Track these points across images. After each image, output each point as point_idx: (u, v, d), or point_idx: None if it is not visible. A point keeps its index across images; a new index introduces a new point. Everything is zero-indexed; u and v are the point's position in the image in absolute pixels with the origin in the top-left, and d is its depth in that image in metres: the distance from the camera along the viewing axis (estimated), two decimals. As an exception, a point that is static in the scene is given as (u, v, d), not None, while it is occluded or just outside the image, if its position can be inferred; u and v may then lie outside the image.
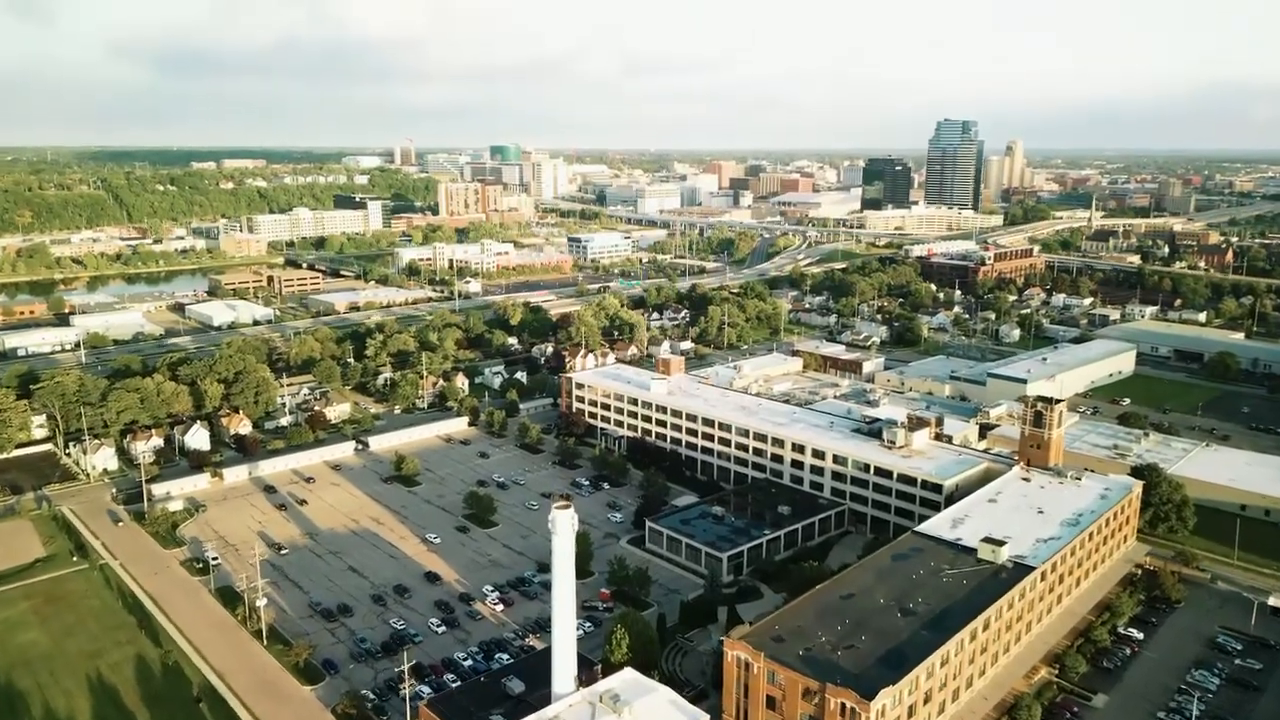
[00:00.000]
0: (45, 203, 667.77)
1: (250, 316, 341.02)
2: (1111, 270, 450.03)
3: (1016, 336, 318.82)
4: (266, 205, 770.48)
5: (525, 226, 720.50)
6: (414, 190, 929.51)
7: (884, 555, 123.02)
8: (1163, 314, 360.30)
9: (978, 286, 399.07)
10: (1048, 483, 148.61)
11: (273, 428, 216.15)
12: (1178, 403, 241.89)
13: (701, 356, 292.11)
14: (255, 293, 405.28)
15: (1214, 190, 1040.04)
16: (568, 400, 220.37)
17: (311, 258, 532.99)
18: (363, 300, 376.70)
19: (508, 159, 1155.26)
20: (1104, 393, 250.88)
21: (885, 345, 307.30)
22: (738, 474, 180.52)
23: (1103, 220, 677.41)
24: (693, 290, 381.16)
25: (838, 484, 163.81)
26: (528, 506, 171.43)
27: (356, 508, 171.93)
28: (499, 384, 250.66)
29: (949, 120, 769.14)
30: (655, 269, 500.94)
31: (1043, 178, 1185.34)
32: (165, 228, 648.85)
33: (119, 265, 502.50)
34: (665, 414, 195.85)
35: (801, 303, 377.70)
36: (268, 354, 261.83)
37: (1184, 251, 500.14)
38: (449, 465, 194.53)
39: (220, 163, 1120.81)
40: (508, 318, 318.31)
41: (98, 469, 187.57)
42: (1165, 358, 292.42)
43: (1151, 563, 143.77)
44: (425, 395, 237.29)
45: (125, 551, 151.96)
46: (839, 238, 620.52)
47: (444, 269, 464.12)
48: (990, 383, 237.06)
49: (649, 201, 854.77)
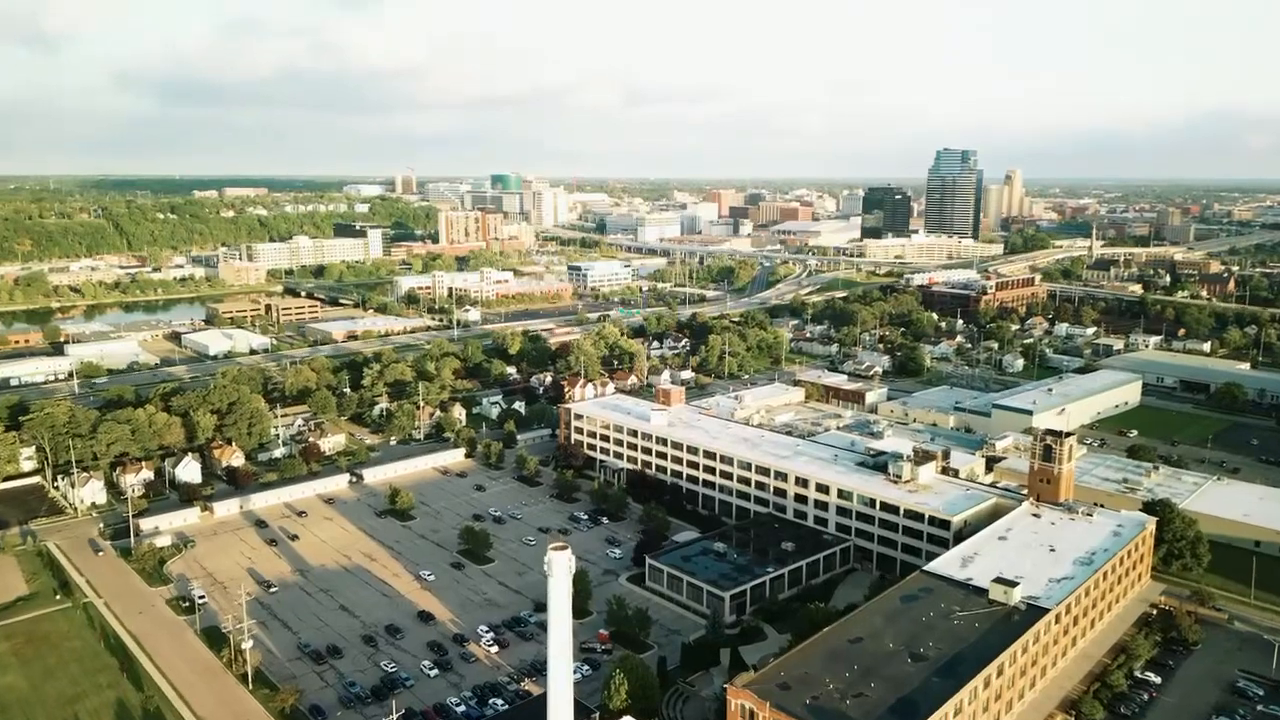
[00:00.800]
0: (45, 231, 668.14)
1: (247, 345, 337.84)
2: (1114, 299, 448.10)
3: (1020, 366, 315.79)
4: (267, 233, 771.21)
5: (525, 255, 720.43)
6: (414, 219, 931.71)
7: (892, 596, 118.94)
8: (1167, 344, 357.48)
9: (980, 315, 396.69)
10: (1058, 519, 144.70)
11: (266, 459, 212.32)
12: (1185, 435, 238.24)
13: (702, 386, 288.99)
14: (253, 321, 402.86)
15: (1213, 219, 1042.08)
16: (566, 431, 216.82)
17: (311, 286, 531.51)
18: (361, 329, 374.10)
19: (508, 188, 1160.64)
20: (1110, 424, 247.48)
21: (888, 375, 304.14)
22: (740, 508, 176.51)
23: (1103, 249, 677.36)
24: (693, 319, 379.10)
25: (843, 519, 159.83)
26: (524, 542, 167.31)
27: (349, 543, 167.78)
28: (497, 414, 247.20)
29: (948, 149, 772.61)
30: (655, 297, 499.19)
31: (1041, 206, 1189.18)
32: (165, 256, 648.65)
33: (117, 293, 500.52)
34: (665, 446, 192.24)
35: (803, 331, 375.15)
36: (263, 383, 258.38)
37: (1186, 281, 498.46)
38: (445, 498, 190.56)
39: (222, 191, 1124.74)
40: (506, 347, 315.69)
41: (85, 503, 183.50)
42: (1171, 388, 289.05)
43: (1166, 602, 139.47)
44: (422, 426, 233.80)
45: (110, 589, 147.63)
46: (839, 266, 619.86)
47: (443, 297, 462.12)
48: (995, 414, 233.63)
49: (649, 230, 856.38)
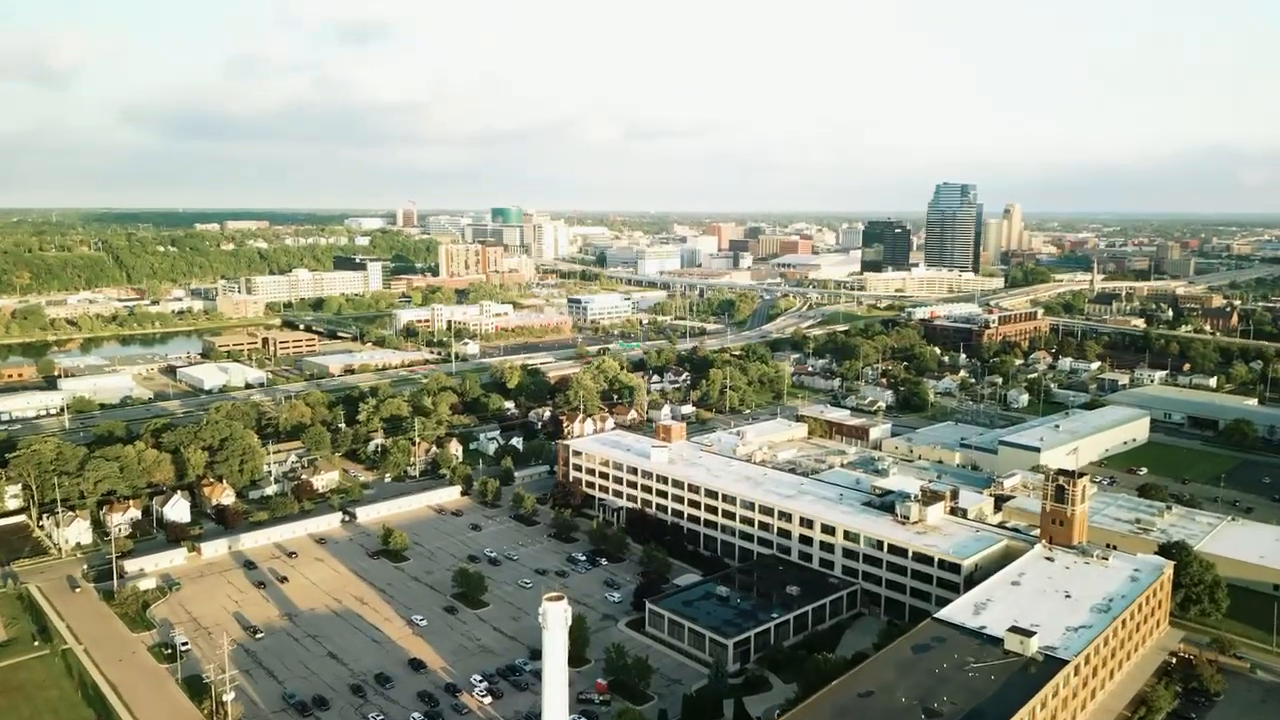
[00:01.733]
0: (44, 264, 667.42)
1: (242, 379, 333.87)
2: (1116, 334, 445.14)
3: (1025, 402, 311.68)
4: (267, 266, 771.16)
5: (525, 288, 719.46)
6: (415, 252, 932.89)
7: (903, 646, 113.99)
8: (1172, 379, 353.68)
9: (983, 350, 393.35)
10: (1073, 563, 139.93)
11: (257, 497, 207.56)
12: (1195, 473, 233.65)
13: (703, 421, 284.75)
14: (250, 355, 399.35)
15: (1212, 253, 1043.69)
16: (564, 469, 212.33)
17: (309, 319, 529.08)
18: (358, 363, 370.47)
19: (509, 221, 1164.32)
20: (1119, 461, 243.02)
21: (891, 410, 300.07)
22: (743, 549, 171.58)
23: (1104, 283, 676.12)
24: (694, 352, 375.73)
25: (849, 561, 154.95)
26: (520, 585, 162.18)
27: (339, 586, 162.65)
28: (494, 450, 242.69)
29: (948, 183, 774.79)
30: (655, 330, 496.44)
31: (1040, 240, 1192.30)
32: (164, 289, 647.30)
33: (114, 326, 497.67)
34: (666, 484, 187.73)
35: (804, 366, 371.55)
36: (257, 419, 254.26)
37: (1189, 315, 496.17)
38: (439, 538, 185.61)
39: (224, 224, 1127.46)
40: (505, 381, 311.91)
41: (70, 543, 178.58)
42: (1179, 424, 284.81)
43: (1186, 650, 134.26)
44: (417, 463, 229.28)
45: (90, 635, 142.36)
46: (840, 299, 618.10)
47: (442, 330, 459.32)
48: (1002, 451, 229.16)
49: (649, 263, 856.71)
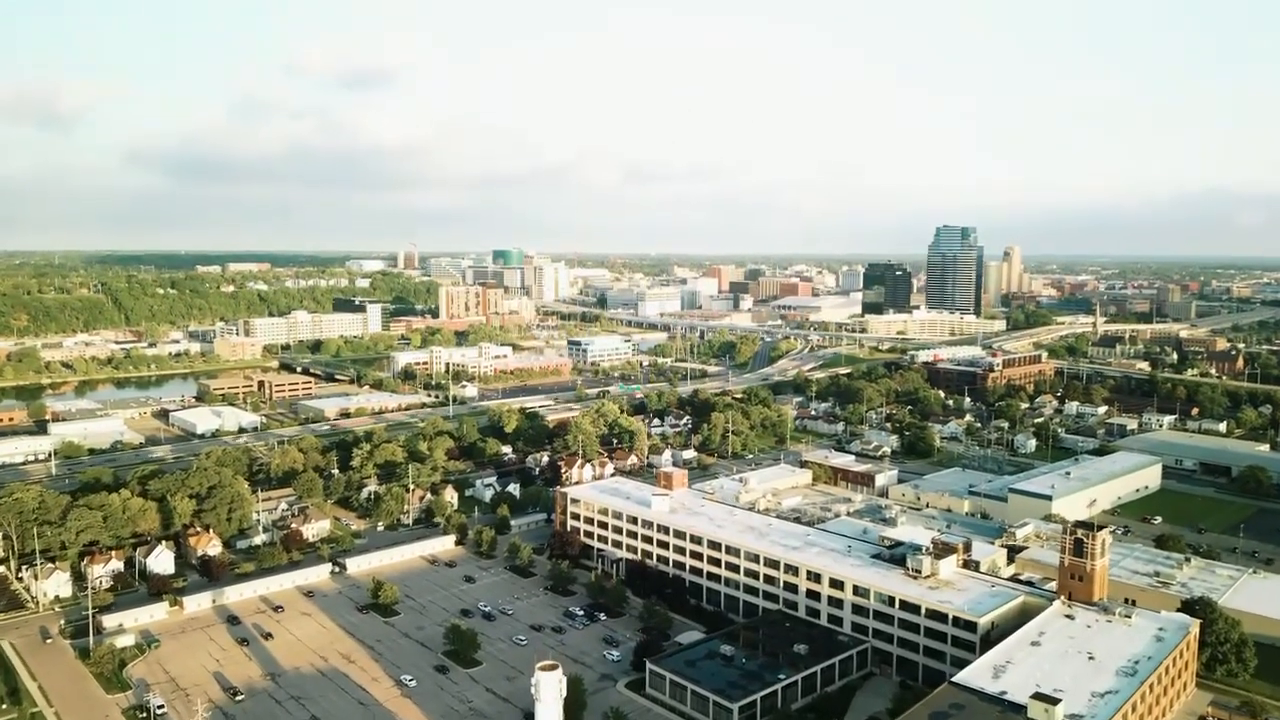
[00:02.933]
0: (43, 306, 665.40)
1: (236, 424, 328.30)
2: (1122, 377, 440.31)
3: (1033, 447, 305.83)
4: (266, 308, 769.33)
5: (525, 329, 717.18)
6: (415, 293, 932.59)
7: (920, 714, 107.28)
8: (1181, 423, 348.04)
9: (988, 394, 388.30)
10: (1094, 621, 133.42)
11: (245, 547, 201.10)
12: (1211, 521, 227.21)
13: (705, 467, 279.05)
14: (245, 398, 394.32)
15: (1212, 296, 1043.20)
16: (562, 517, 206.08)
17: (307, 361, 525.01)
18: (354, 406, 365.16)
19: (510, 263, 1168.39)
20: (1132, 510, 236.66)
21: (897, 455, 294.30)
22: (747, 604, 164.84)
23: (1106, 325, 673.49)
24: (695, 396, 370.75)
25: (859, 618, 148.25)
26: (515, 642, 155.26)
27: (326, 642, 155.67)
28: (490, 497, 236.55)
29: (948, 226, 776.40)
30: (656, 372, 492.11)
31: (1040, 283, 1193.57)
32: (162, 331, 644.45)
33: (109, 369, 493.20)
34: (667, 535, 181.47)
35: (807, 409, 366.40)
36: (248, 464, 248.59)
37: (1194, 359, 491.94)
38: (431, 591, 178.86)
39: (225, 266, 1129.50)
40: (502, 425, 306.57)
41: (49, 596, 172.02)
42: (1191, 471, 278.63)
43: (1216, 714, 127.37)
44: (411, 510, 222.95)
45: (62, 697, 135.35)
46: (841, 342, 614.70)
47: (440, 373, 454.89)
48: (1012, 499, 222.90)
49: (649, 304, 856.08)
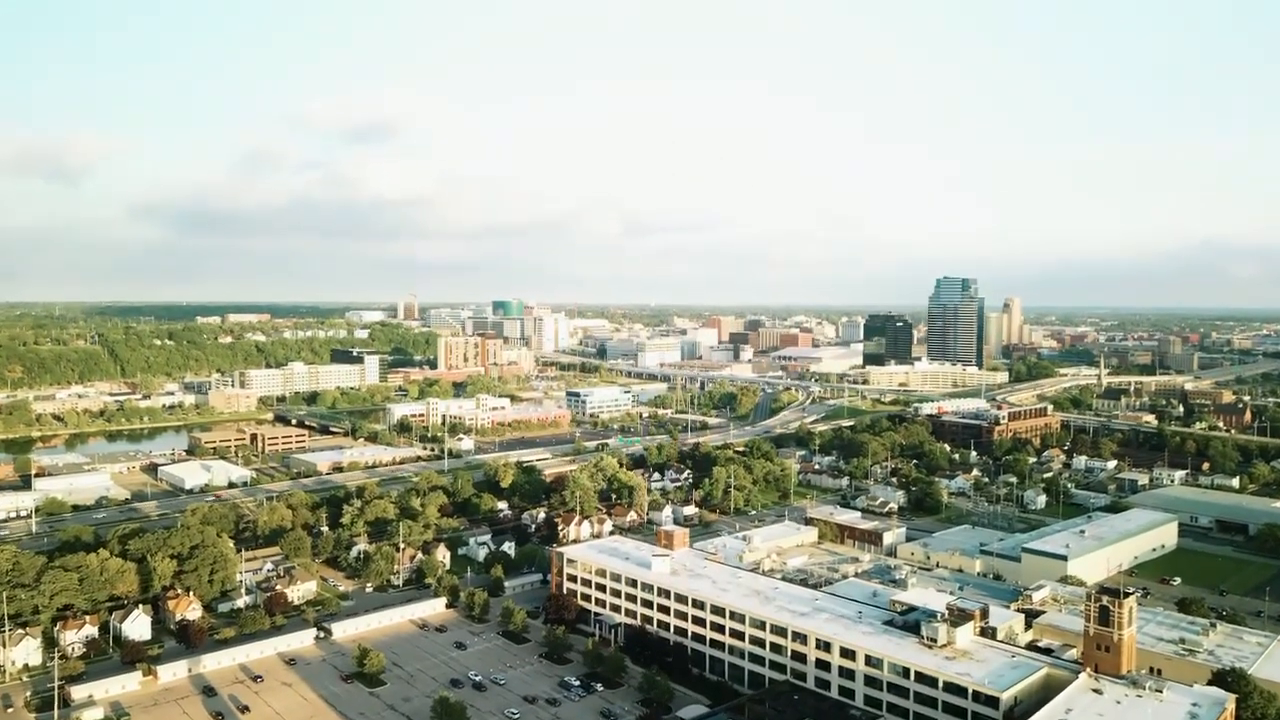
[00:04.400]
0: (38, 358, 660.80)
1: (226, 478, 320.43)
2: (1130, 430, 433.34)
3: (1043, 503, 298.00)
4: (264, 359, 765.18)
5: (524, 380, 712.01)
6: (414, 344, 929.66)
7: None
8: (1193, 478, 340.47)
9: (994, 447, 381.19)
10: (1124, 696, 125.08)
11: (227, 610, 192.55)
12: (1233, 583, 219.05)
13: (707, 524, 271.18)
14: (237, 451, 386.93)
15: (1213, 348, 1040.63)
16: (558, 579, 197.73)
17: (303, 413, 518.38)
18: (347, 460, 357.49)
19: (510, 313, 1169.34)
20: (1149, 570, 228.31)
21: (904, 511, 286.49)
22: (753, 674, 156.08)
23: (1109, 377, 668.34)
24: (696, 449, 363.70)
25: (872, 690, 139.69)
26: (507, 715, 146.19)
27: (306, 716, 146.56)
28: (484, 556, 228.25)
29: (949, 278, 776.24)
30: (656, 424, 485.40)
31: (1040, 334, 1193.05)
32: (157, 383, 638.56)
33: (101, 422, 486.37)
34: (669, 599, 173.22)
35: (810, 463, 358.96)
36: (235, 522, 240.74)
37: (1202, 412, 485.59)
38: (420, 658, 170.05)
39: (225, 317, 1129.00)
40: (498, 479, 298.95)
41: (17, 664, 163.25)
42: (1206, 528, 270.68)
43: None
44: (401, 571, 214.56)
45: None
46: (844, 393, 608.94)
47: (437, 425, 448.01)
48: (1026, 559, 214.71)
49: (649, 355, 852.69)
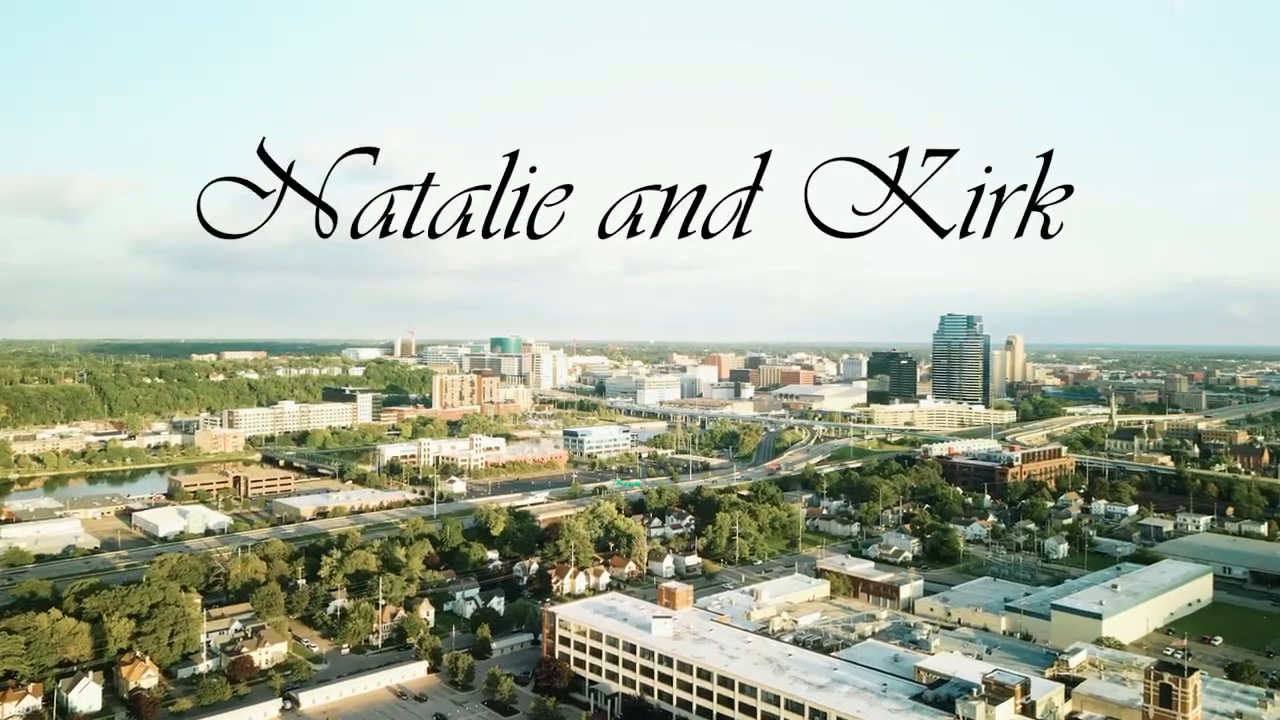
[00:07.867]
0: (24, 396, 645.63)
1: (203, 525, 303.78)
2: (1147, 473, 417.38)
3: (1065, 552, 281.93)
4: (256, 398, 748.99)
5: (521, 418, 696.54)
6: (410, 382, 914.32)
7: None
8: (1219, 524, 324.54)
9: (1009, 490, 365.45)
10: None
11: (188, 675, 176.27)
12: (1278, 642, 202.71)
13: (710, 575, 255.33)
14: (218, 495, 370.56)
15: (1218, 386, 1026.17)
16: (549, 641, 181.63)
17: (291, 454, 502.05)
18: (332, 504, 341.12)
19: (508, 350, 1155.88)
20: (1186, 627, 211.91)
21: (919, 561, 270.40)
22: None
23: (1119, 416, 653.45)
24: (698, 493, 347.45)
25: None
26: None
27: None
28: (471, 613, 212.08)
29: (953, 315, 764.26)
30: (655, 465, 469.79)
31: (1043, 371, 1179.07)
32: (145, 422, 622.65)
33: (82, 463, 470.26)
34: (670, 666, 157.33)
35: (818, 508, 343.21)
36: (205, 574, 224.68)
37: (1219, 453, 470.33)
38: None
39: (220, 354, 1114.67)
40: (489, 526, 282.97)
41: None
42: (1241, 580, 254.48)
43: None
44: (381, 630, 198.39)
45: None
46: (848, 432, 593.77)
47: (428, 466, 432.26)
48: (1056, 617, 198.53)
49: (649, 393, 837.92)
